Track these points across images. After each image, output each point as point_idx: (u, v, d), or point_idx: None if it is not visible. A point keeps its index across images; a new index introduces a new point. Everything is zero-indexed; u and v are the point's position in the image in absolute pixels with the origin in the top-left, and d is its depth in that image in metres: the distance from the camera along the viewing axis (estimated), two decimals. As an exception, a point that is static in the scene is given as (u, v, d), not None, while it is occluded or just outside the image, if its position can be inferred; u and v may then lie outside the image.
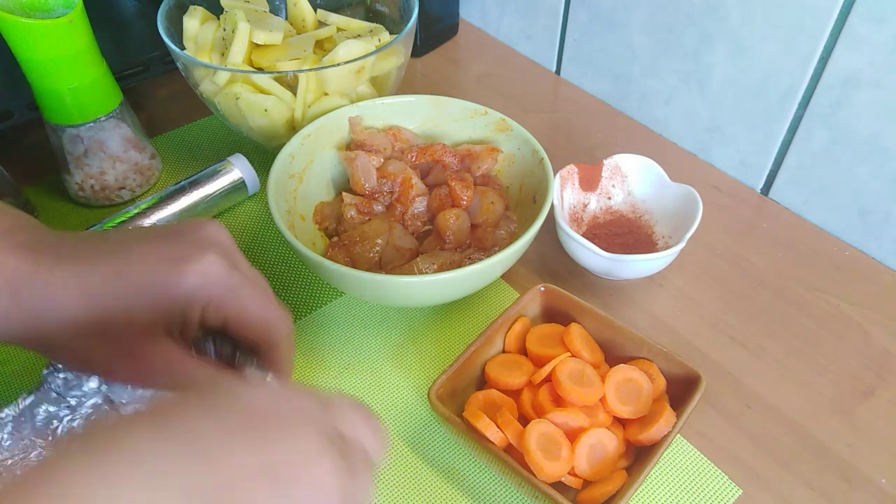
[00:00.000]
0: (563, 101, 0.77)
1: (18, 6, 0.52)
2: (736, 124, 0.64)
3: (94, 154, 0.60)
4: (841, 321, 0.54)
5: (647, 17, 0.67)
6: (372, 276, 0.45)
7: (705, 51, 0.63)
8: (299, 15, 0.66)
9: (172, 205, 0.58)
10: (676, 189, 0.57)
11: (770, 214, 0.63)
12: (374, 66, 0.60)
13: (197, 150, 0.70)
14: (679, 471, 0.46)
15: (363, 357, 0.52)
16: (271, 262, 0.59)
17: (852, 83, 0.55)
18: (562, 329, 0.48)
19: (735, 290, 0.57)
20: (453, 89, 0.78)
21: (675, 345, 0.53)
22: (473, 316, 0.55)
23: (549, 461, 0.40)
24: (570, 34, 0.76)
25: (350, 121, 0.59)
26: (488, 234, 0.53)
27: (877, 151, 0.55)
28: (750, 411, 0.49)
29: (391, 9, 0.68)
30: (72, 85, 0.55)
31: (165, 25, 0.60)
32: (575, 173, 0.58)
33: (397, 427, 0.48)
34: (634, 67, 0.71)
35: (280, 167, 0.53)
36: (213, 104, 0.60)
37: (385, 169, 0.56)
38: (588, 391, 0.43)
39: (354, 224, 0.54)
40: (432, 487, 0.45)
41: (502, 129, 0.58)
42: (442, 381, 0.44)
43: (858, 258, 0.59)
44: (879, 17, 0.51)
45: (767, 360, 0.52)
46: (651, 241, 0.57)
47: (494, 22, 0.85)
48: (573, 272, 0.58)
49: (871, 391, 0.50)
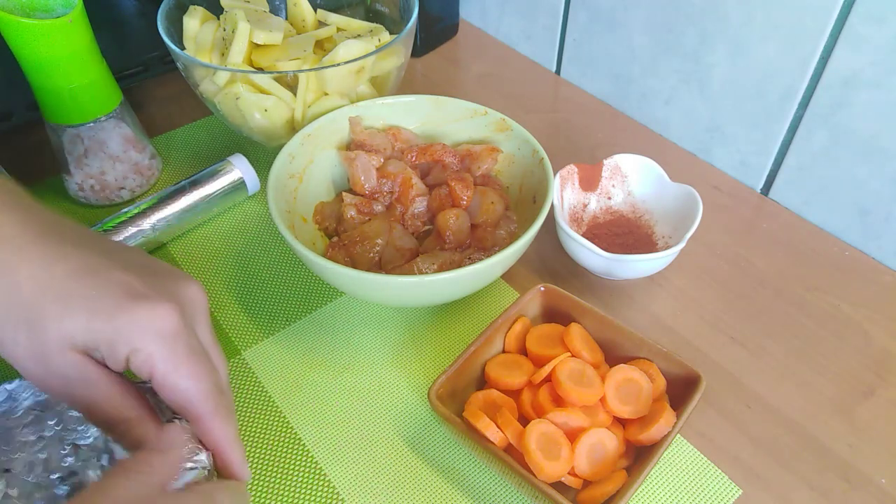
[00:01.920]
0: (563, 101, 0.77)
1: (18, 6, 0.52)
2: (736, 124, 0.64)
3: (94, 154, 0.60)
4: (841, 321, 0.54)
5: (647, 17, 0.67)
6: (372, 276, 0.45)
7: (705, 51, 0.63)
8: (299, 15, 0.66)
9: (172, 205, 0.58)
10: (676, 189, 0.57)
11: (770, 214, 0.64)
12: (374, 66, 0.60)
13: (197, 150, 0.70)
14: (679, 471, 0.46)
15: (363, 357, 0.52)
16: (271, 262, 0.59)
17: (852, 83, 0.55)
18: (562, 329, 0.48)
19: (735, 290, 0.57)
20: (453, 89, 0.78)
21: (675, 345, 0.53)
22: (473, 316, 0.55)
23: (549, 461, 0.40)
24: (570, 34, 0.76)
25: (350, 121, 0.59)
26: (488, 234, 0.53)
27: (877, 151, 0.55)
28: (750, 411, 0.49)
29: (391, 9, 0.68)
30: (72, 85, 0.55)
31: (165, 25, 0.60)
32: (575, 173, 0.58)
33: (397, 427, 0.48)
34: (634, 67, 0.71)
35: (280, 167, 0.53)
36: (213, 104, 0.60)
37: (385, 169, 0.56)
38: (588, 391, 0.43)
39: (354, 224, 0.54)
40: (432, 487, 0.45)
41: (502, 129, 0.58)
42: (442, 381, 0.44)
43: (858, 258, 0.59)
44: (879, 17, 0.51)
45: (767, 360, 0.52)
46: (651, 241, 0.57)
47: (494, 22, 0.85)
48: (573, 272, 0.58)
49: (871, 391, 0.50)
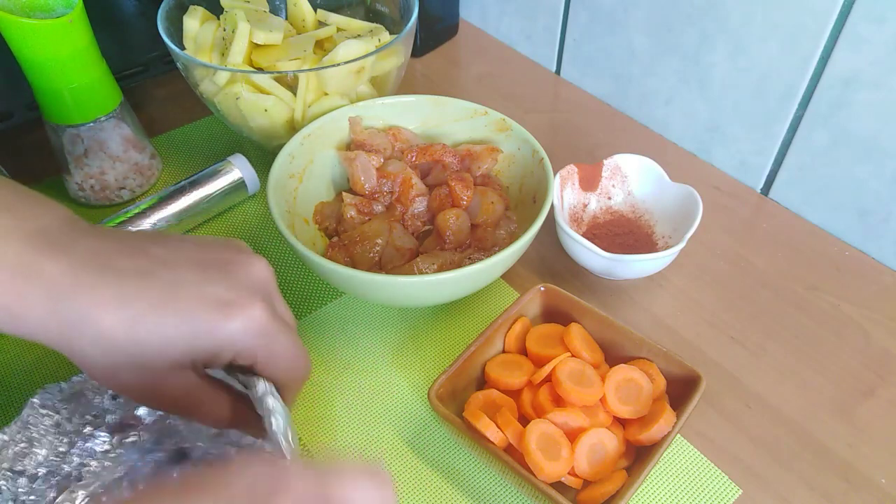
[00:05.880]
0: (563, 101, 0.77)
1: (18, 6, 0.52)
2: (736, 124, 0.64)
3: (94, 154, 0.60)
4: (841, 321, 0.54)
5: (647, 17, 0.67)
6: (372, 276, 0.45)
7: (705, 51, 0.63)
8: (299, 15, 0.66)
9: (172, 205, 0.58)
10: (676, 189, 0.57)
11: (770, 214, 0.64)
12: (374, 66, 0.60)
13: (197, 150, 0.70)
14: (679, 471, 0.46)
15: (363, 357, 0.52)
16: (271, 262, 0.59)
17: (852, 83, 0.55)
18: (562, 329, 0.48)
19: (735, 290, 0.57)
20: (453, 89, 0.78)
21: (675, 345, 0.53)
22: (473, 316, 0.55)
23: (549, 461, 0.40)
24: (570, 34, 0.76)
25: (350, 121, 0.59)
26: (488, 234, 0.53)
27: (877, 151, 0.55)
28: (750, 411, 0.49)
29: (391, 9, 0.68)
30: (72, 85, 0.55)
31: (165, 25, 0.60)
32: (575, 173, 0.58)
33: (397, 427, 0.48)
34: (634, 67, 0.71)
35: (280, 167, 0.53)
36: (213, 104, 0.60)
37: (385, 169, 0.56)
38: (588, 391, 0.43)
39: (354, 224, 0.54)
40: (432, 487, 0.45)
41: (502, 129, 0.58)
42: (442, 381, 0.44)
43: (858, 258, 0.59)
44: (879, 17, 0.51)
45: (767, 360, 0.52)
46: (651, 241, 0.57)
47: (494, 22, 0.85)
48: (573, 272, 0.58)
49: (871, 391, 0.50)
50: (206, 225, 0.62)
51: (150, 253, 0.34)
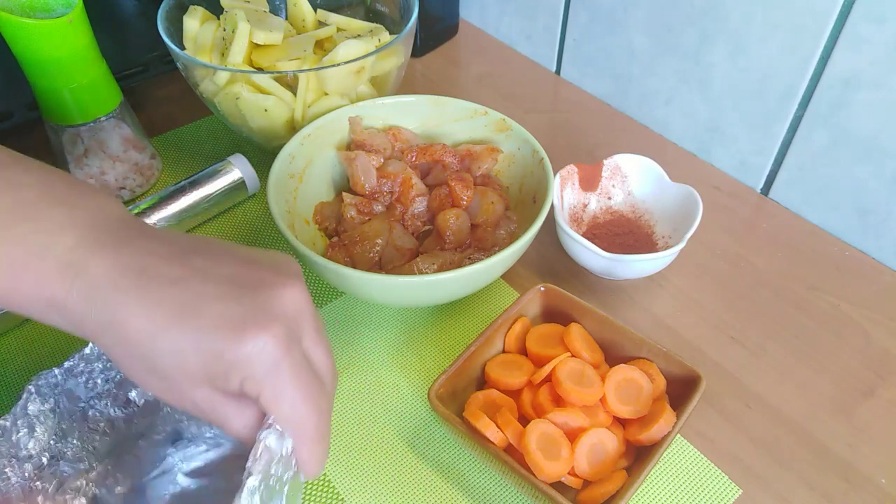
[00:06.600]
0: (563, 101, 0.77)
1: (18, 6, 0.52)
2: (736, 124, 0.64)
3: (94, 154, 0.60)
4: (841, 321, 0.54)
5: (647, 17, 0.67)
6: (372, 276, 0.45)
7: (705, 51, 0.63)
8: (299, 15, 0.66)
9: (172, 205, 0.58)
10: (676, 189, 0.57)
11: (770, 214, 0.64)
12: (374, 66, 0.60)
13: (197, 150, 0.70)
14: (679, 471, 0.46)
15: (363, 357, 0.52)
16: (271, 262, 0.59)
17: (852, 83, 0.55)
18: (562, 329, 0.48)
19: (735, 290, 0.57)
20: (453, 89, 0.78)
21: (675, 345, 0.53)
22: (473, 316, 0.55)
23: (549, 461, 0.40)
24: (570, 34, 0.76)
25: (350, 121, 0.59)
26: (488, 234, 0.53)
27: (876, 151, 0.55)
28: (750, 411, 0.49)
29: (391, 9, 0.68)
30: (72, 85, 0.55)
31: (165, 25, 0.60)
32: (575, 173, 0.58)
33: (397, 427, 0.48)
34: (634, 67, 0.71)
35: (280, 167, 0.53)
36: (213, 104, 0.60)
37: (385, 169, 0.56)
38: (588, 391, 0.43)
39: (354, 224, 0.54)
40: (432, 487, 0.45)
41: (502, 129, 0.58)
42: (442, 381, 0.44)
43: (858, 258, 0.59)
44: (879, 17, 0.51)
45: (767, 360, 0.52)
46: (651, 241, 0.57)
47: (494, 22, 0.85)
48: (573, 272, 0.58)
49: (871, 391, 0.50)
50: (206, 225, 0.62)
51: (189, 262, 0.33)
